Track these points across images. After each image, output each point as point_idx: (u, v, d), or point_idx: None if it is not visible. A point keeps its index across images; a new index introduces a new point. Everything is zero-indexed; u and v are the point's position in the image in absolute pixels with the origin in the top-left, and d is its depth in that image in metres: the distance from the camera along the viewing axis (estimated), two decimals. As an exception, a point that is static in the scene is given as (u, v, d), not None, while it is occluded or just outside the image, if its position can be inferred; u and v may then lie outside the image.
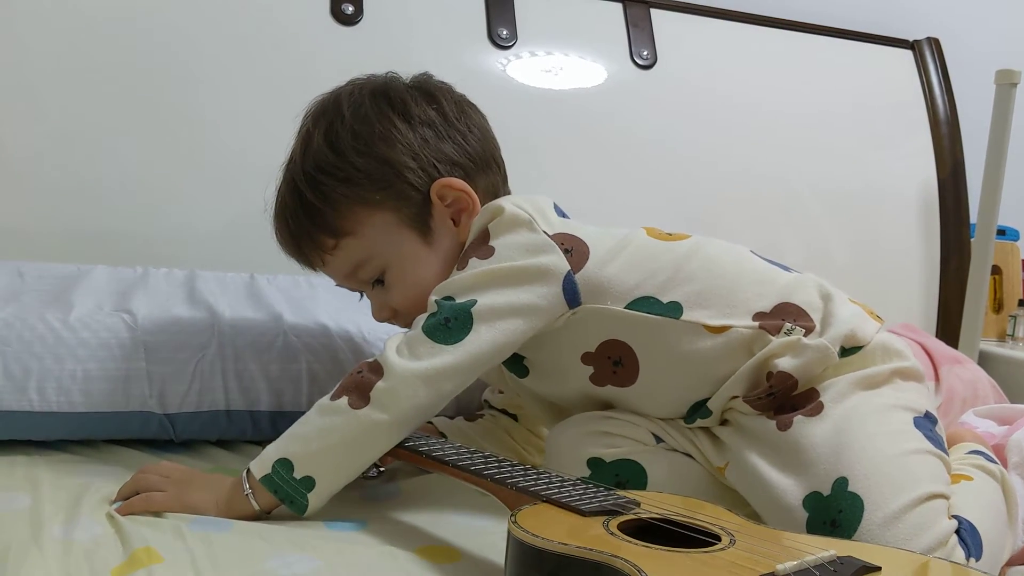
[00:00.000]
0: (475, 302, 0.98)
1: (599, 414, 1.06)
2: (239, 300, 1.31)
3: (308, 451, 0.94)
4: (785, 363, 0.97)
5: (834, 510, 0.89)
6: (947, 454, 0.97)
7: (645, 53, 1.87)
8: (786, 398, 0.98)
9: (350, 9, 1.69)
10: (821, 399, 0.96)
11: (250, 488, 0.94)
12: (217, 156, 1.59)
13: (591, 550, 0.71)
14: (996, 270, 2.06)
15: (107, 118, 1.55)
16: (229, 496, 0.95)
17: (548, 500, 0.83)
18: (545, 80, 1.81)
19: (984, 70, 1.91)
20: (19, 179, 1.51)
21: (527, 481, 0.88)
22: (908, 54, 2.10)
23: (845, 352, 0.98)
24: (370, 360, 0.97)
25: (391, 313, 1.11)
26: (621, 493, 0.86)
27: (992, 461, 1.04)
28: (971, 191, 2.02)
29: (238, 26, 1.64)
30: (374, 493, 1.06)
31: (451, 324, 0.97)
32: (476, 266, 1.00)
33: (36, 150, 1.52)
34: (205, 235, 1.56)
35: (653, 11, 1.91)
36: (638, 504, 0.83)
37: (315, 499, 0.94)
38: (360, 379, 0.95)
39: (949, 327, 1.99)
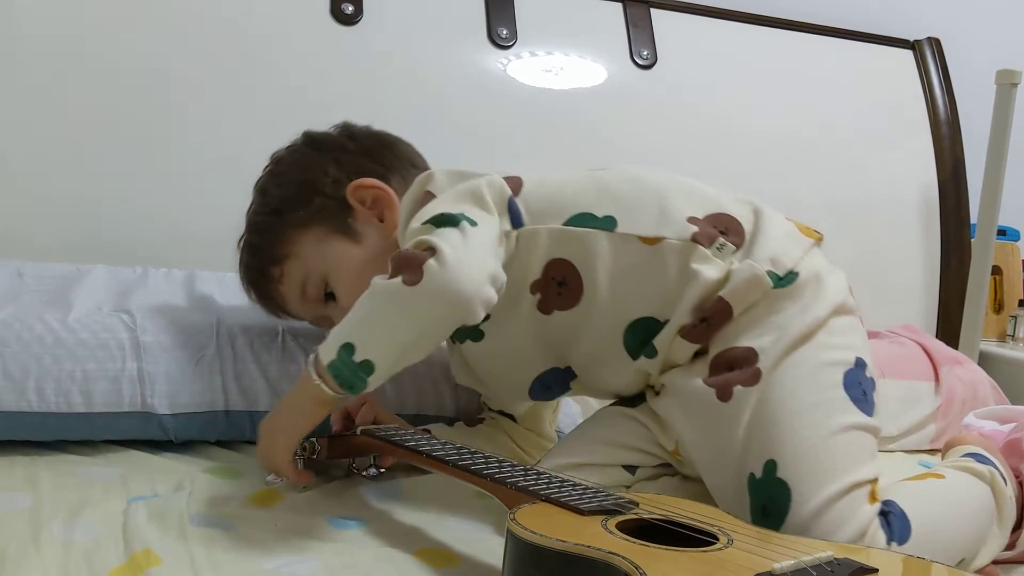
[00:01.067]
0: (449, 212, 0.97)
1: (566, 463, 1.04)
2: (238, 300, 1.30)
3: (368, 333, 0.92)
4: (722, 290, 0.98)
5: (764, 495, 0.91)
6: (874, 403, 0.97)
7: (645, 53, 1.87)
8: (720, 328, 0.99)
9: (350, 9, 1.69)
10: (759, 364, 0.96)
11: (318, 377, 0.93)
12: (218, 156, 1.59)
13: (590, 547, 0.71)
14: (996, 270, 2.06)
15: (108, 119, 1.56)
16: (300, 396, 0.96)
17: (547, 499, 0.83)
18: (545, 80, 1.81)
19: (985, 70, 1.91)
20: (20, 181, 1.51)
21: (527, 481, 0.88)
22: (908, 54, 2.10)
23: (780, 281, 0.99)
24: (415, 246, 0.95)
25: None
26: (620, 494, 0.86)
27: (984, 462, 1.04)
28: (971, 191, 2.02)
29: (238, 26, 1.64)
30: (374, 493, 1.06)
31: (444, 219, 0.95)
32: (429, 205, 1.01)
33: (37, 152, 1.52)
34: (205, 236, 1.55)
35: (653, 11, 1.91)
36: (637, 504, 0.83)
37: (373, 381, 0.93)
38: (411, 256, 0.91)
39: (949, 327, 1.99)
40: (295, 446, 1.00)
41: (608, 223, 1.02)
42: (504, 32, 1.78)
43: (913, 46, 2.11)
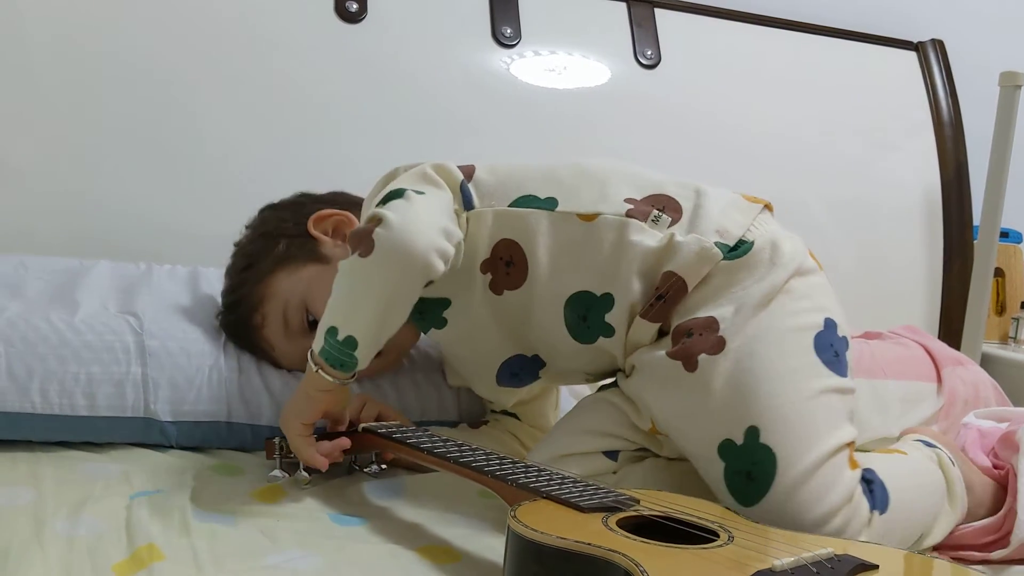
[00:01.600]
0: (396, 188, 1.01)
1: (550, 456, 1.05)
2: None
3: (343, 311, 0.97)
4: (670, 264, 1.00)
5: (748, 461, 0.93)
6: (847, 363, 0.99)
7: (649, 53, 1.87)
8: (677, 303, 1.00)
9: (354, 7, 1.69)
10: (721, 332, 0.97)
11: (316, 366, 0.98)
12: (221, 153, 1.59)
13: (590, 545, 0.71)
14: (999, 272, 2.05)
15: (110, 117, 1.56)
16: (306, 385, 1.01)
17: (548, 496, 0.83)
18: (548, 79, 1.81)
19: (988, 72, 1.90)
20: (23, 179, 1.52)
21: (528, 478, 0.88)
22: (912, 56, 2.10)
23: (733, 252, 1.00)
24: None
25: None
26: (621, 491, 0.86)
27: (931, 447, 1.08)
28: (974, 193, 2.02)
29: (242, 24, 1.64)
30: (376, 489, 1.06)
31: (391, 195, 0.99)
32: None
33: (39, 150, 1.52)
34: (207, 234, 1.56)
35: (657, 11, 1.91)
36: (638, 501, 0.83)
37: (361, 356, 0.97)
38: (361, 230, 0.96)
39: (951, 329, 1.99)
40: (305, 430, 1.02)
41: (550, 203, 1.05)
42: (508, 31, 1.78)
43: (917, 48, 2.11)
